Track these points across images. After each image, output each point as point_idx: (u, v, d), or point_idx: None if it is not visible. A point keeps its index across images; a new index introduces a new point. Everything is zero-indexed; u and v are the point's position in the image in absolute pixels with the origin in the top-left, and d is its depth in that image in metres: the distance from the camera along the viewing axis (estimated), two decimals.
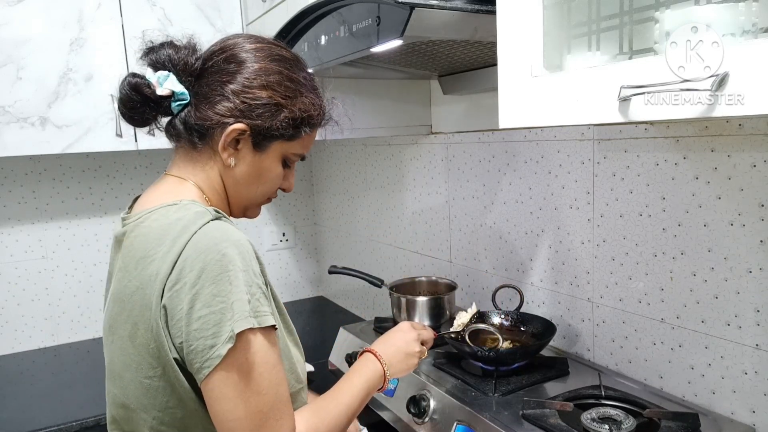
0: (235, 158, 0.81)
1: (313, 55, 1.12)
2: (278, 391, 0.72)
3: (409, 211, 1.73)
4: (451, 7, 0.85)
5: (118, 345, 0.76)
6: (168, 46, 0.79)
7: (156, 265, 0.71)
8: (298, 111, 0.81)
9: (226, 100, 0.77)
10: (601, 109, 0.63)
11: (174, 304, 0.69)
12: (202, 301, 0.68)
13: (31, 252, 1.91)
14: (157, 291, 0.70)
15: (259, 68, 0.79)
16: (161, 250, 0.71)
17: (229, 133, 0.78)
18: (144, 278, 0.72)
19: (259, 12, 1.65)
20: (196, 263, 0.69)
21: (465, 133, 1.46)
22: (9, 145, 1.55)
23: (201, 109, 0.78)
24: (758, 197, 0.86)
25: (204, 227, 0.72)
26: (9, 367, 1.80)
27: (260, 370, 0.70)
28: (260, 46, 0.82)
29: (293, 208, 2.36)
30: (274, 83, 0.79)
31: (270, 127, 0.79)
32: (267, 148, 0.82)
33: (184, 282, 0.69)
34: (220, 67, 0.79)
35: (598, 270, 1.13)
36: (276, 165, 0.84)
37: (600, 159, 1.10)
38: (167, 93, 0.77)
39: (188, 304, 0.68)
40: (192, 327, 0.68)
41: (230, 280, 0.68)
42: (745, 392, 0.91)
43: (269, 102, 0.79)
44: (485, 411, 0.95)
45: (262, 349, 0.71)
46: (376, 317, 1.45)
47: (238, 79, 0.78)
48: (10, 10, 1.52)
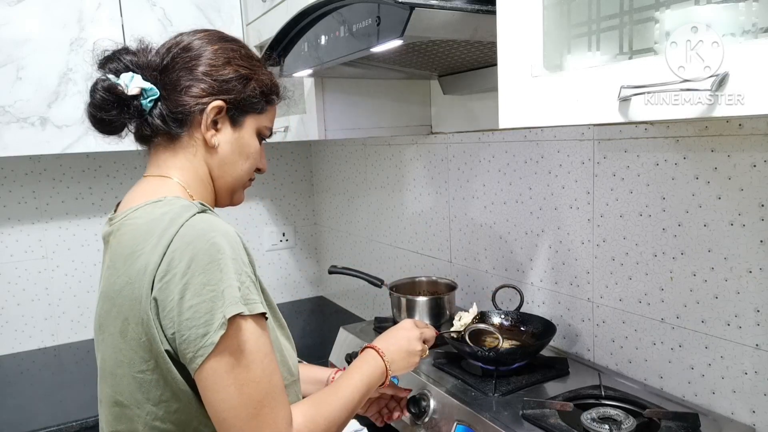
0: (217, 138, 0.83)
1: (313, 55, 1.12)
2: (272, 379, 0.72)
3: (409, 211, 1.73)
4: (451, 7, 0.85)
5: (109, 342, 0.76)
6: (125, 52, 0.82)
7: (144, 259, 0.71)
8: (262, 82, 0.86)
9: (198, 83, 0.81)
10: (601, 109, 0.63)
11: (164, 296, 0.69)
12: (193, 290, 0.68)
13: (31, 252, 1.91)
14: (146, 284, 0.70)
15: (217, 48, 0.83)
16: (149, 244, 0.72)
17: (209, 111, 0.81)
18: (132, 273, 0.72)
19: (259, 12, 1.66)
20: (185, 254, 0.69)
21: (465, 133, 1.46)
22: (9, 145, 1.55)
23: (174, 99, 0.81)
24: (758, 197, 0.86)
25: (191, 219, 0.73)
26: (9, 367, 1.80)
27: (253, 357, 0.70)
28: (207, 32, 0.86)
29: (293, 208, 2.36)
30: (236, 58, 0.84)
31: (243, 99, 0.84)
32: (243, 123, 0.86)
33: (173, 273, 0.69)
34: (182, 56, 0.82)
35: (598, 270, 1.13)
36: (254, 139, 0.88)
37: (600, 159, 1.10)
38: (137, 92, 0.79)
39: (179, 294, 0.68)
40: (183, 317, 0.68)
41: (220, 269, 0.69)
42: (745, 392, 0.91)
43: (237, 75, 0.83)
44: (485, 411, 0.95)
45: (254, 337, 0.71)
46: (376, 317, 1.45)
47: (203, 61, 0.81)
48: (10, 10, 1.52)
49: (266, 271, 2.32)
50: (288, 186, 2.34)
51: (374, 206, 1.93)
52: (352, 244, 2.12)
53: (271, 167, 2.29)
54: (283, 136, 1.62)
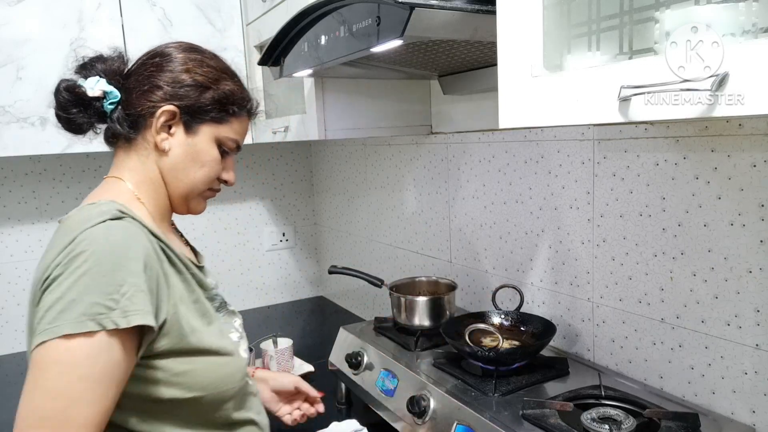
0: (168, 142, 0.86)
1: (313, 55, 1.12)
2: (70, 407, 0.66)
3: (409, 211, 1.73)
4: (451, 7, 0.85)
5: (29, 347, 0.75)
6: (98, 60, 0.87)
7: (47, 259, 0.72)
8: (222, 92, 0.87)
9: (155, 88, 0.84)
10: (601, 109, 0.63)
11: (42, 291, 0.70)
12: (52, 287, 0.68)
13: (31, 252, 1.91)
14: (39, 281, 0.71)
15: (182, 57, 0.87)
16: (55, 246, 0.73)
17: (159, 115, 0.84)
18: (38, 272, 0.73)
19: (259, 12, 1.65)
20: (68, 258, 0.70)
21: (465, 133, 1.46)
22: (9, 145, 1.55)
23: (132, 102, 0.85)
24: (758, 197, 0.86)
25: (95, 226, 0.72)
26: (9, 367, 1.80)
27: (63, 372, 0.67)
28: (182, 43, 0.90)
29: (293, 208, 2.36)
30: (196, 67, 0.87)
31: (197, 106, 0.86)
32: (198, 130, 0.87)
33: (55, 273, 0.69)
34: (146, 62, 0.86)
35: (598, 270, 1.13)
36: (210, 147, 0.89)
37: (600, 159, 1.10)
38: (99, 94, 0.83)
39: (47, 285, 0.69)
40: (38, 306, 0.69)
41: (88, 279, 0.68)
42: (745, 392, 0.91)
43: (193, 83, 0.85)
44: (485, 411, 0.95)
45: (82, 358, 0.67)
46: (376, 317, 1.45)
47: (164, 68, 0.85)
48: (10, 10, 1.52)
49: (266, 271, 2.32)
50: (288, 186, 2.34)
51: (374, 206, 1.93)
52: (352, 244, 2.12)
53: (271, 167, 2.29)
54: (283, 136, 1.61)
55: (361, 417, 1.25)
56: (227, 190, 2.18)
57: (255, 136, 1.84)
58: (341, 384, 1.39)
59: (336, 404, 1.41)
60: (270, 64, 1.29)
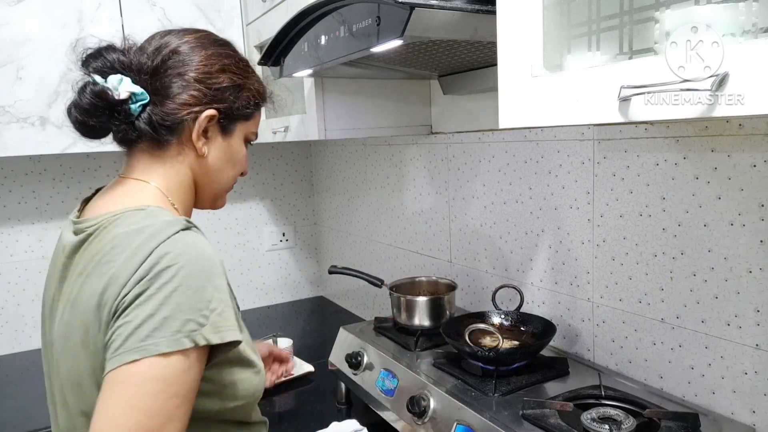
0: (207, 147, 0.82)
1: (313, 55, 1.12)
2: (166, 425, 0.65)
3: (409, 211, 1.73)
4: (451, 7, 0.85)
5: (71, 353, 0.72)
6: (110, 50, 0.77)
7: (116, 270, 0.68)
8: (254, 88, 0.85)
9: (190, 89, 0.78)
10: (601, 109, 0.63)
11: (125, 307, 0.66)
12: (139, 302, 0.65)
13: (31, 252, 1.91)
14: (114, 296, 0.67)
15: (210, 53, 0.80)
16: (124, 254, 0.68)
17: (202, 120, 0.79)
18: (104, 283, 0.68)
19: (259, 12, 1.66)
20: (153, 273, 0.66)
21: (465, 133, 1.46)
22: (9, 145, 1.55)
23: (165, 105, 0.77)
24: (758, 197, 0.86)
25: (172, 237, 0.69)
26: (9, 367, 1.80)
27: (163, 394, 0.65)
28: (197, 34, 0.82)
29: (293, 208, 2.36)
30: (231, 65, 0.82)
31: (235, 108, 0.82)
32: (233, 131, 0.85)
33: (139, 289, 0.66)
34: (172, 59, 0.78)
35: (598, 270, 1.13)
36: (242, 146, 0.88)
37: (600, 159, 1.10)
38: (127, 96, 0.75)
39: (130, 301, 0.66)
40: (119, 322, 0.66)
41: (183, 295, 0.66)
42: (745, 392, 0.91)
43: (231, 84, 0.81)
44: (485, 411, 0.95)
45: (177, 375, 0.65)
46: (376, 317, 1.45)
47: (195, 66, 0.78)
48: (10, 10, 1.52)
49: (266, 271, 2.32)
50: (288, 186, 2.34)
51: (374, 206, 1.93)
52: (352, 244, 2.12)
53: (271, 167, 2.29)
54: (283, 136, 1.61)
55: (361, 417, 1.25)
56: None
57: None
58: (341, 384, 1.39)
59: (336, 404, 1.41)
60: (270, 64, 1.29)
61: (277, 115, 1.70)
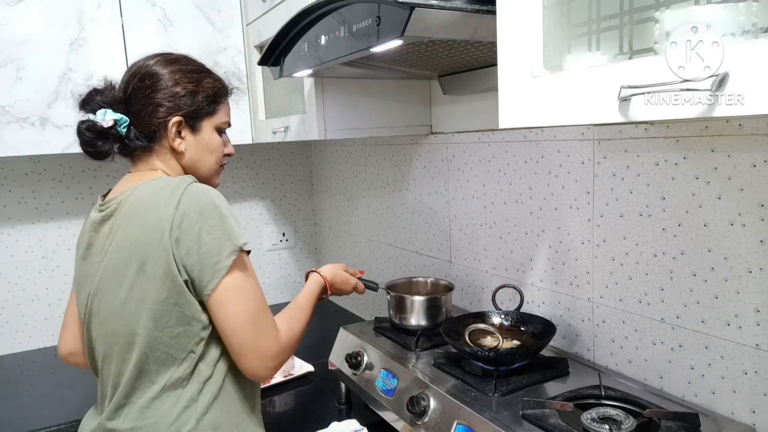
0: (183, 144, 1.03)
1: (313, 55, 1.12)
2: (262, 296, 0.96)
3: (409, 211, 1.73)
4: (451, 7, 0.85)
5: (126, 285, 0.93)
6: (96, 93, 1.01)
7: (159, 213, 0.90)
8: (208, 90, 1.04)
9: (159, 106, 0.99)
10: (601, 109, 0.63)
11: (183, 238, 0.89)
12: (206, 231, 0.90)
13: (31, 252, 1.91)
14: (166, 230, 0.90)
15: (166, 72, 1.01)
16: (161, 202, 0.91)
17: (171, 126, 1.00)
18: (149, 224, 0.91)
19: (259, 12, 1.66)
20: (195, 207, 0.91)
21: (465, 133, 1.46)
22: (9, 145, 1.55)
23: (143, 122, 1.00)
24: (758, 197, 0.86)
25: (191, 185, 0.94)
26: (9, 367, 1.80)
27: (250, 279, 0.95)
28: (157, 58, 1.03)
29: (293, 208, 2.36)
30: (182, 78, 1.02)
31: (196, 110, 1.02)
32: (201, 127, 1.04)
33: (188, 221, 0.90)
34: (139, 86, 1.00)
35: (598, 270, 1.13)
36: (213, 136, 1.07)
37: (600, 159, 1.10)
38: (111, 123, 0.98)
39: (195, 235, 0.90)
40: (201, 251, 0.90)
41: (222, 216, 0.92)
42: (745, 392, 0.91)
43: (186, 92, 1.01)
44: (485, 411, 0.95)
45: (249, 264, 0.96)
46: (376, 317, 1.45)
47: (158, 87, 1.00)
48: (10, 10, 1.52)
49: (266, 271, 2.32)
50: (288, 186, 2.34)
51: (374, 206, 1.93)
52: (352, 244, 2.12)
53: (271, 167, 2.29)
54: (283, 136, 1.62)
55: (361, 417, 1.25)
56: (228, 190, 2.18)
57: (255, 136, 1.84)
58: (341, 384, 1.39)
59: (336, 404, 1.41)
60: (270, 64, 1.29)
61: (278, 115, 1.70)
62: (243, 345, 0.93)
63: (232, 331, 0.92)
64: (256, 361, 0.94)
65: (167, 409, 0.94)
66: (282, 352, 0.98)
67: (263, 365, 0.95)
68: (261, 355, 0.94)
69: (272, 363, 0.96)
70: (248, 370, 0.95)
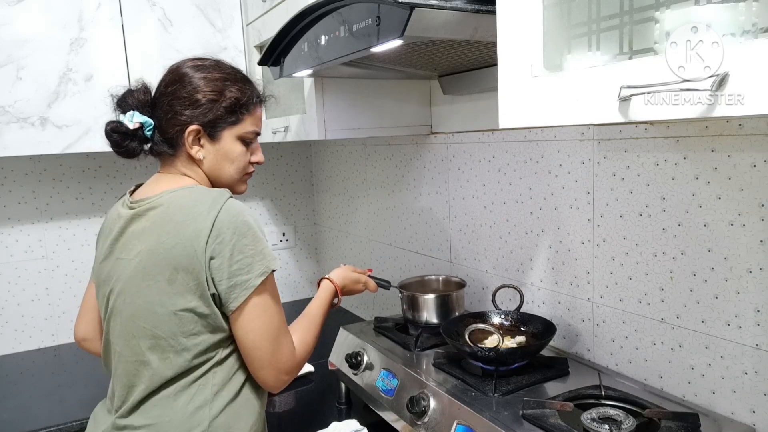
0: (202, 152, 1.03)
1: (313, 55, 1.12)
2: (282, 316, 1.01)
3: (409, 211, 1.73)
4: (451, 7, 0.85)
5: (154, 289, 0.96)
6: (128, 94, 1.04)
7: (196, 226, 0.93)
8: (231, 99, 1.02)
9: (177, 114, 1.00)
10: (601, 109, 0.63)
11: (217, 253, 0.93)
12: (239, 249, 0.94)
13: (31, 252, 1.91)
14: (201, 244, 0.93)
15: (191, 79, 1.01)
16: (199, 214, 0.94)
17: (187, 135, 1.01)
18: (184, 236, 0.93)
19: (259, 12, 1.66)
20: (230, 225, 0.94)
21: (465, 133, 1.46)
22: (9, 145, 1.55)
23: (165, 127, 1.02)
24: (758, 197, 0.86)
25: (228, 201, 0.97)
26: (9, 367, 1.80)
27: (274, 300, 0.99)
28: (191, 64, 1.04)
29: (293, 208, 2.36)
30: (204, 86, 1.02)
31: (214, 119, 1.02)
32: (221, 136, 1.04)
33: (222, 237, 0.93)
34: (164, 91, 1.02)
35: (598, 270, 1.13)
36: (235, 145, 1.06)
37: (600, 159, 1.10)
38: (137, 125, 1.01)
39: (229, 252, 0.93)
40: (233, 268, 0.94)
41: (255, 236, 0.96)
42: (745, 392, 0.91)
43: (206, 100, 1.01)
44: (485, 411, 0.95)
45: (274, 286, 1.00)
46: (376, 317, 1.45)
47: (179, 95, 1.01)
48: (10, 10, 1.52)
49: None
50: (288, 186, 2.34)
51: (374, 206, 1.93)
52: (352, 244, 2.12)
53: (271, 167, 2.29)
54: (283, 136, 1.62)
55: (361, 417, 1.25)
56: None
57: None
58: (341, 384, 1.39)
59: (336, 404, 1.41)
60: (270, 64, 1.29)
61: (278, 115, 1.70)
62: (262, 359, 0.98)
63: (252, 345, 0.97)
64: (272, 373, 0.99)
65: (181, 407, 0.96)
66: (297, 366, 1.03)
67: (279, 378, 1.00)
68: (277, 368, 0.99)
69: (287, 376, 1.02)
70: (264, 381, 1.00)
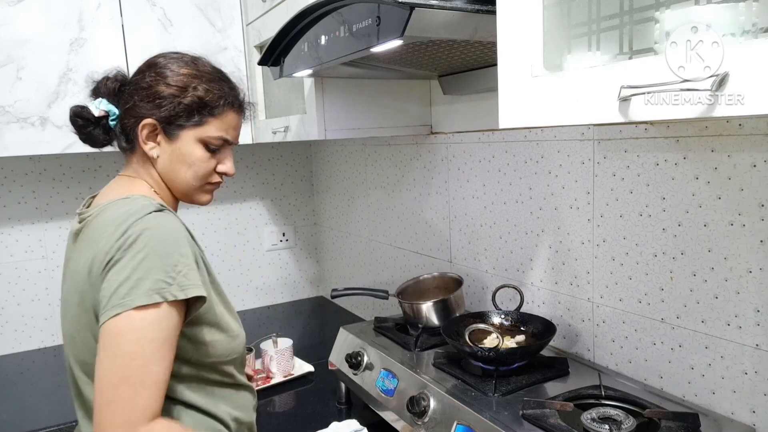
0: (156, 150, 0.94)
1: (313, 55, 1.12)
2: (146, 366, 0.78)
3: (409, 211, 1.73)
4: (451, 7, 0.85)
5: (72, 313, 0.89)
6: (103, 80, 0.96)
7: (101, 245, 0.83)
8: (192, 99, 0.93)
9: (136, 105, 0.93)
10: (601, 109, 0.63)
11: (107, 271, 0.81)
12: (118, 268, 0.80)
13: (31, 252, 1.91)
14: (99, 264, 0.82)
15: (159, 70, 0.93)
16: (108, 233, 0.83)
17: (140, 128, 0.92)
18: (91, 255, 0.84)
19: (259, 12, 1.66)
20: (127, 244, 0.81)
21: (465, 133, 1.46)
22: (9, 145, 1.55)
23: (126, 118, 0.94)
24: (758, 197, 0.86)
25: (143, 218, 0.84)
26: (9, 367, 1.80)
27: (139, 337, 0.78)
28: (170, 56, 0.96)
29: (293, 208, 2.36)
30: (168, 79, 0.93)
31: (171, 115, 0.92)
32: (178, 136, 0.94)
33: (117, 257, 0.81)
34: (131, 80, 0.95)
35: (598, 270, 1.13)
36: (194, 148, 0.95)
37: (600, 159, 1.10)
38: (102, 113, 0.94)
39: (111, 268, 0.81)
40: (104, 285, 0.81)
41: (148, 261, 0.80)
42: (745, 392, 0.91)
43: (167, 95, 0.92)
44: (485, 411, 0.95)
45: (154, 322, 0.79)
46: (376, 317, 1.45)
47: (142, 84, 0.93)
48: (10, 10, 1.52)
49: (266, 271, 2.32)
50: (288, 186, 2.34)
51: (374, 206, 1.93)
52: (352, 244, 2.12)
53: (271, 167, 2.29)
54: (283, 136, 1.61)
55: (361, 417, 1.25)
56: (228, 190, 2.19)
57: (255, 136, 1.84)
58: (341, 384, 1.39)
59: (336, 404, 1.41)
60: (270, 64, 1.29)
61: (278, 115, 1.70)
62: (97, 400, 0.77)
63: (95, 381, 0.78)
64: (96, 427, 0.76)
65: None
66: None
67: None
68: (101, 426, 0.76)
69: None
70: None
